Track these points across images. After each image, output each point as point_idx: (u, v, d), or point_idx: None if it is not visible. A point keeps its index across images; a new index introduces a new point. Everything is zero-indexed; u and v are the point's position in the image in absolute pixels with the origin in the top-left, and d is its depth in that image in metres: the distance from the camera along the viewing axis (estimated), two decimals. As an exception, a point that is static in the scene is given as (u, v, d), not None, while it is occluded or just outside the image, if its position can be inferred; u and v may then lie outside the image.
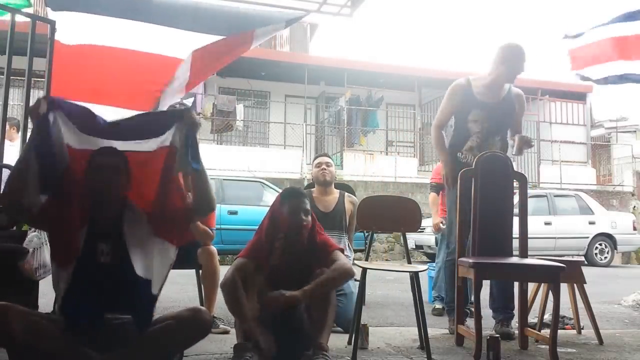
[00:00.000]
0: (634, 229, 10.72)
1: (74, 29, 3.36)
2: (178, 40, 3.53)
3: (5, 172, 2.73)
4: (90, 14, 3.36)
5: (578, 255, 10.22)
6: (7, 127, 5.24)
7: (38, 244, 2.43)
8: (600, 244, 10.39)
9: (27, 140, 2.30)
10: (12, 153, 3.45)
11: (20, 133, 3.03)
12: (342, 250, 2.56)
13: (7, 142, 4.77)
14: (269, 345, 2.31)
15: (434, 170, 5.02)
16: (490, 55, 3.37)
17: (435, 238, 5.36)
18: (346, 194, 3.83)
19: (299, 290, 2.31)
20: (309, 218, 2.55)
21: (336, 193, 3.80)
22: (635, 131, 18.92)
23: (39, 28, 2.95)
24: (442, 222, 4.58)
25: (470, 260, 2.73)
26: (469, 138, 3.26)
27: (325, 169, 3.73)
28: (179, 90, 3.58)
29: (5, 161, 2.97)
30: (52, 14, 3.24)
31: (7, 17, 2.89)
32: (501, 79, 3.28)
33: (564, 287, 2.85)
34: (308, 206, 2.57)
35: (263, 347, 2.29)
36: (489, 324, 3.38)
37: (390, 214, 3.16)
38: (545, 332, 3.03)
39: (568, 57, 4.89)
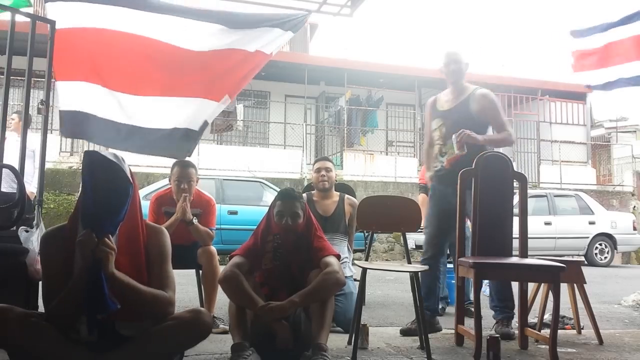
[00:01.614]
0: (634, 229, 10.72)
1: (83, 16, 3.39)
2: (186, 30, 3.53)
3: (5, 172, 2.73)
4: (103, 5, 3.41)
5: (578, 255, 10.23)
6: (17, 119, 5.25)
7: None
8: (600, 244, 10.39)
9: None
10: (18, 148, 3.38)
11: (21, 132, 3.02)
12: (338, 257, 2.54)
13: (14, 136, 4.77)
14: (284, 332, 2.30)
15: (421, 171, 5.04)
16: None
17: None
18: (345, 196, 3.80)
19: (287, 301, 2.30)
20: (298, 221, 2.53)
21: (336, 196, 3.77)
22: (635, 131, 18.94)
23: (39, 28, 2.95)
24: None
25: (470, 261, 2.73)
26: (435, 147, 3.45)
27: (324, 175, 3.69)
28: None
29: (11, 154, 2.95)
30: (57, 5, 3.26)
31: (7, 17, 2.88)
32: (450, 84, 3.47)
33: (564, 287, 2.85)
34: (299, 209, 2.54)
35: (279, 333, 2.29)
36: (489, 323, 3.39)
37: (390, 214, 3.16)
38: (545, 332, 3.03)
39: (571, 58, 4.94)
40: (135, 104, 3.47)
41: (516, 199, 3.11)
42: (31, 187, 4.92)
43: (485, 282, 5.19)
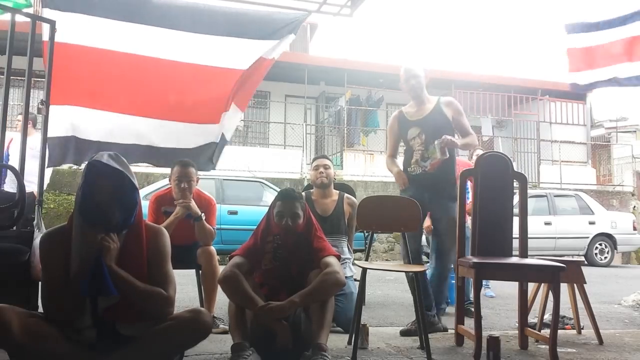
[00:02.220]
0: (634, 229, 10.71)
1: (80, 31, 3.38)
2: (182, 44, 3.55)
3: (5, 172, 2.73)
4: (100, 18, 3.42)
5: (578, 255, 10.22)
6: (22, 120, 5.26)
7: None
8: (600, 244, 10.38)
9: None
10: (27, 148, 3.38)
11: (21, 132, 3.02)
12: (338, 257, 2.54)
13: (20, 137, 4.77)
14: (284, 332, 2.30)
15: None
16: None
17: (427, 238, 5.34)
18: (345, 195, 3.80)
19: (286, 301, 2.30)
20: (298, 222, 2.53)
21: (335, 195, 3.77)
22: (635, 131, 18.93)
23: (39, 28, 2.95)
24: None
25: (471, 261, 2.73)
26: (413, 154, 3.54)
27: (322, 172, 3.70)
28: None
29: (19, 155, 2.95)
30: (55, 15, 3.25)
31: (7, 17, 2.88)
32: (412, 98, 3.63)
33: (564, 287, 2.85)
34: (299, 210, 2.54)
35: (279, 334, 2.29)
36: (488, 323, 3.40)
37: (390, 214, 3.16)
38: (545, 332, 3.03)
39: (566, 56, 4.93)
40: (156, 126, 3.64)
41: (516, 199, 3.11)
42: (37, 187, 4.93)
43: (485, 282, 5.22)
